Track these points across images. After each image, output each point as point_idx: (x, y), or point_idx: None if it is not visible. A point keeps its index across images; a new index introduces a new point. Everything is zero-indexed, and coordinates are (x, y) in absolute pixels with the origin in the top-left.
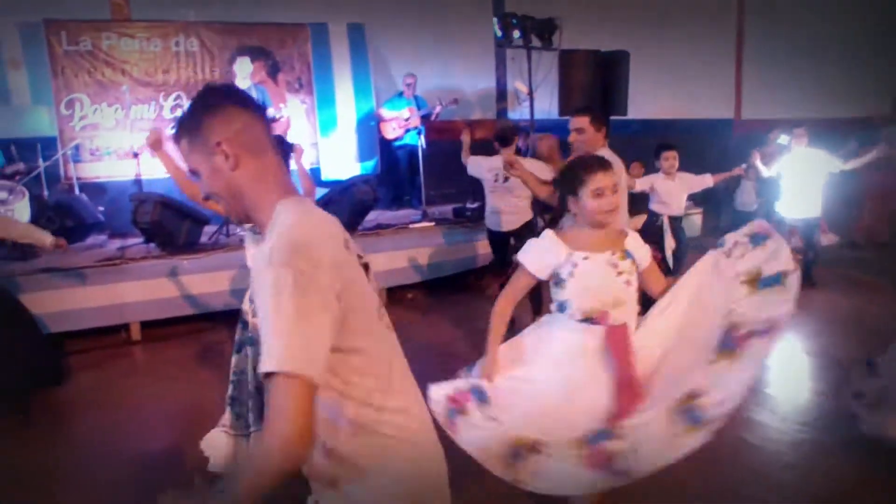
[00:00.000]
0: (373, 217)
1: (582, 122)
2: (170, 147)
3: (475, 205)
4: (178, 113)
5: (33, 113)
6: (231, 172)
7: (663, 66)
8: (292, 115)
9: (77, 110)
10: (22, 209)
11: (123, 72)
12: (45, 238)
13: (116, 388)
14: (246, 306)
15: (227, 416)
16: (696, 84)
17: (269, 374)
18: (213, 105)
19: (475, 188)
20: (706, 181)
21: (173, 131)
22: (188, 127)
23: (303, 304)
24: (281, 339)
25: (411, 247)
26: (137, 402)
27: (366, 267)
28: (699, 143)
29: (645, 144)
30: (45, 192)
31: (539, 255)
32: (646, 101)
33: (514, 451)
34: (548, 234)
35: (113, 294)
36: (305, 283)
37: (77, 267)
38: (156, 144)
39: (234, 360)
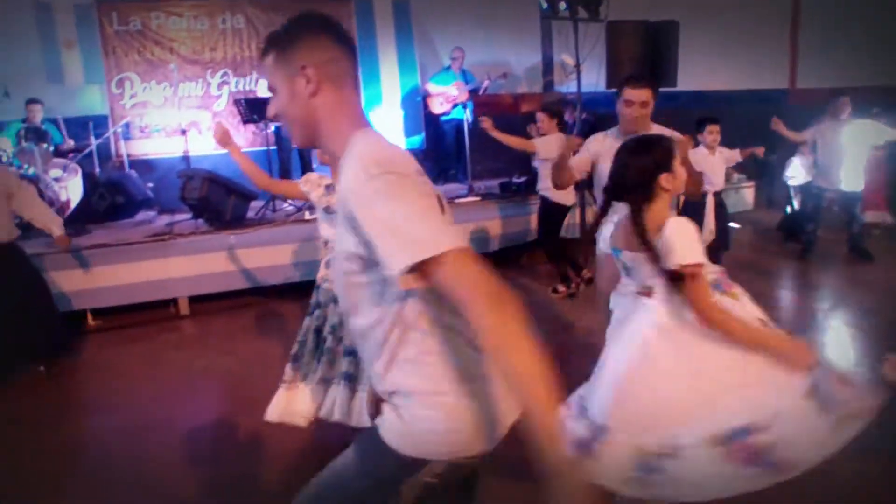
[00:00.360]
0: None
1: (646, 94)
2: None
3: (521, 179)
4: (225, 90)
5: (86, 92)
6: (309, 98)
7: (714, 36)
8: None
9: (127, 89)
10: (75, 186)
11: (172, 50)
12: (56, 230)
13: (165, 361)
14: (322, 272)
15: (287, 372)
16: (749, 53)
17: (420, 268)
18: (308, 30)
19: (522, 162)
20: (735, 156)
21: (264, 45)
22: (279, 44)
23: (422, 196)
24: (421, 228)
25: (457, 222)
26: (186, 374)
27: (440, 200)
28: (751, 114)
29: (694, 117)
30: (97, 170)
31: (700, 247)
32: (696, 72)
33: None
34: (684, 220)
35: (162, 269)
36: (412, 183)
37: (127, 242)
38: (224, 139)
39: (305, 321)
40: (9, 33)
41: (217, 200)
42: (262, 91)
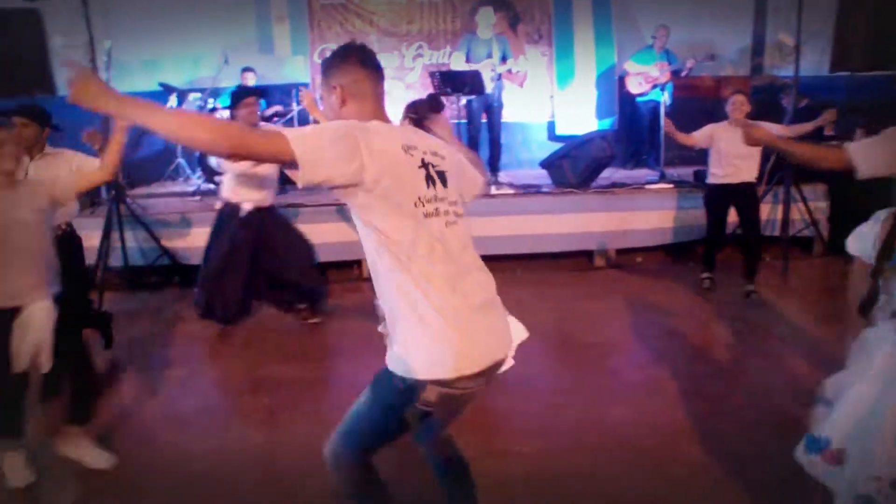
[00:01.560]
0: (607, 175)
1: None
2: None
3: None
4: (419, 63)
5: (291, 62)
6: (339, 109)
7: None
8: (531, 67)
9: None
10: None
11: (371, 23)
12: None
13: (348, 319)
14: None
15: None
16: None
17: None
18: (340, 59)
19: None
20: None
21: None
22: (323, 70)
23: (334, 133)
24: (305, 130)
25: (646, 208)
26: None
27: (440, 175)
28: None
29: None
30: None
31: None
32: None
33: None
34: None
35: (348, 231)
36: (348, 132)
37: (320, 204)
38: (310, 106)
39: None
40: (231, 9)
41: None
42: (456, 65)
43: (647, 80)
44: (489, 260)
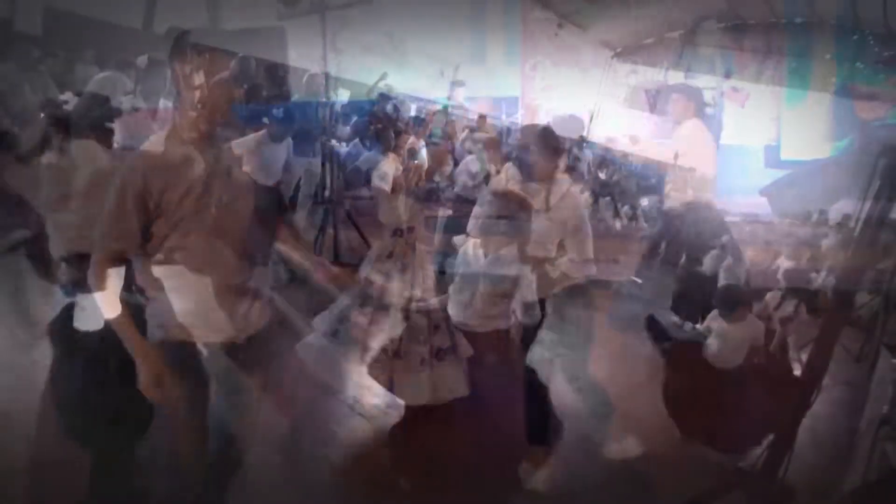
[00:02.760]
0: (839, 206)
1: None
2: None
3: None
4: (633, 79)
5: (502, 73)
6: None
7: None
8: (755, 85)
9: (539, 71)
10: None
11: (583, 36)
12: None
13: None
14: None
15: None
16: None
17: None
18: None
19: None
20: None
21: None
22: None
23: None
24: None
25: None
26: None
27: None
28: None
29: None
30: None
31: None
32: None
33: None
34: None
35: None
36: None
37: None
38: None
39: None
40: (447, 18)
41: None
42: (674, 82)
43: (881, 101)
44: None
